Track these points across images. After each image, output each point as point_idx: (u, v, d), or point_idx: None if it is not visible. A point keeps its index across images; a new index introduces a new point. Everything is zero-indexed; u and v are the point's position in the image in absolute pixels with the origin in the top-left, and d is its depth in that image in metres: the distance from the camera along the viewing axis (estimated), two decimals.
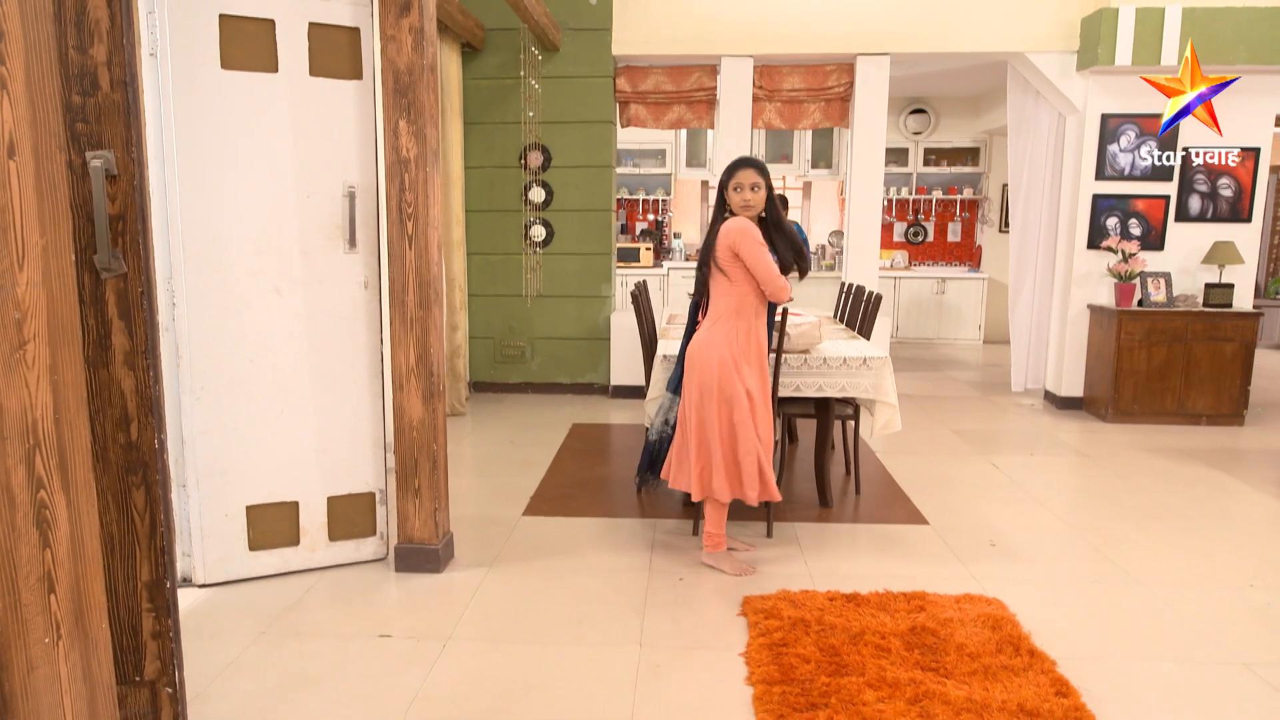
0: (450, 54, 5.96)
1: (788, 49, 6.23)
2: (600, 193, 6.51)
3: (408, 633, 2.87)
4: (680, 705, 2.46)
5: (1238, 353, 5.88)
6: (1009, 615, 2.98)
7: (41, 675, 1.28)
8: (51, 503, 1.29)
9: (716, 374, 3.20)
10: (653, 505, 4.18)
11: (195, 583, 3.22)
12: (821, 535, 3.80)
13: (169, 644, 2.01)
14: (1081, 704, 2.43)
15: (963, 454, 5.19)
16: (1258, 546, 3.73)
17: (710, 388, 3.21)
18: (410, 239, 3.19)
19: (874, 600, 3.08)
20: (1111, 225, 6.16)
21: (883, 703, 2.41)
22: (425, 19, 3.10)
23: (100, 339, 1.86)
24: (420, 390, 3.28)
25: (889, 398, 3.75)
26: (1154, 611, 3.09)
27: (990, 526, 3.93)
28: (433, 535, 3.36)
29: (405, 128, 3.14)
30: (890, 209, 10.13)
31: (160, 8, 2.91)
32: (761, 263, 3.11)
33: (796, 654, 2.68)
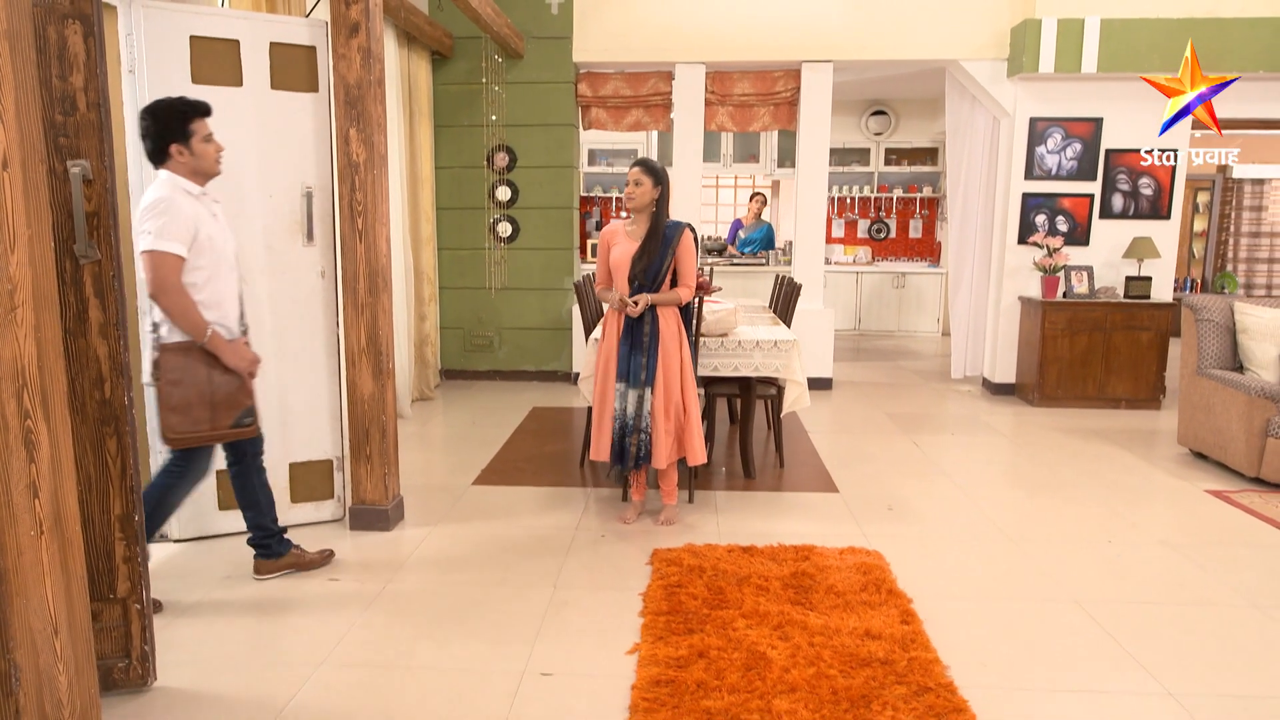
0: (420, 62, 6.38)
1: (738, 56, 6.64)
2: (563, 191, 6.93)
3: (354, 578, 3.29)
4: (579, 629, 2.88)
5: (1154, 341, 6.30)
6: (882, 564, 3.40)
7: (28, 559, 1.69)
8: (35, 429, 1.70)
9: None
10: (593, 476, 4.60)
11: (171, 538, 3.64)
12: (739, 501, 4.22)
13: (137, 568, 2.43)
14: (920, 629, 2.85)
15: (889, 434, 5.60)
16: (1130, 512, 4.15)
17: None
18: (361, 234, 3.60)
19: (766, 552, 3.50)
20: (1040, 222, 6.58)
21: (750, 628, 2.83)
22: (372, 40, 3.51)
23: (79, 313, 2.27)
24: (371, 368, 3.69)
25: (797, 376, 4.16)
26: (1012, 562, 3.51)
27: (894, 494, 4.35)
28: (383, 497, 3.78)
29: (355, 135, 3.55)
30: (853, 207, 10.55)
31: (137, 30, 3.32)
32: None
33: (688, 593, 3.10)
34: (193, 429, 2.87)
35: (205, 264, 2.88)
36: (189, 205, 2.84)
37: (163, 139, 2.85)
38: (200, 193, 2.92)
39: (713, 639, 2.76)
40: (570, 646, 2.78)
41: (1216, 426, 4.78)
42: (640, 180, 3.58)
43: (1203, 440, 4.93)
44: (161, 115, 2.85)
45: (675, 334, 3.72)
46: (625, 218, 3.75)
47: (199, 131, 2.87)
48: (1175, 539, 3.78)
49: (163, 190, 2.81)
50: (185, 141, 2.85)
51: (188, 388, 2.85)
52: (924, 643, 2.76)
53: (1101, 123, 6.42)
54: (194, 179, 2.90)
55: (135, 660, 2.46)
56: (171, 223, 2.76)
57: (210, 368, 2.89)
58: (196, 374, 2.86)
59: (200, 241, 2.85)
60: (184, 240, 2.79)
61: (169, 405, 2.84)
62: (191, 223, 2.82)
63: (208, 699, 2.46)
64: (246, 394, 2.98)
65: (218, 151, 2.95)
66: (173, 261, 2.77)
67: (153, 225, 2.75)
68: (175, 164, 2.87)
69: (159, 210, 2.76)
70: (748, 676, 2.53)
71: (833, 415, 6.16)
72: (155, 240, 2.75)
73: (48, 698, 1.74)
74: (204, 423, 2.88)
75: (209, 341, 2.87)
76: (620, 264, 3.67)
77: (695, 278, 3.75)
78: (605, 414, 3.77)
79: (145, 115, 2.86)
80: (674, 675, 2.54)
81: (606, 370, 3.76)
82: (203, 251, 2.87)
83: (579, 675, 2.60)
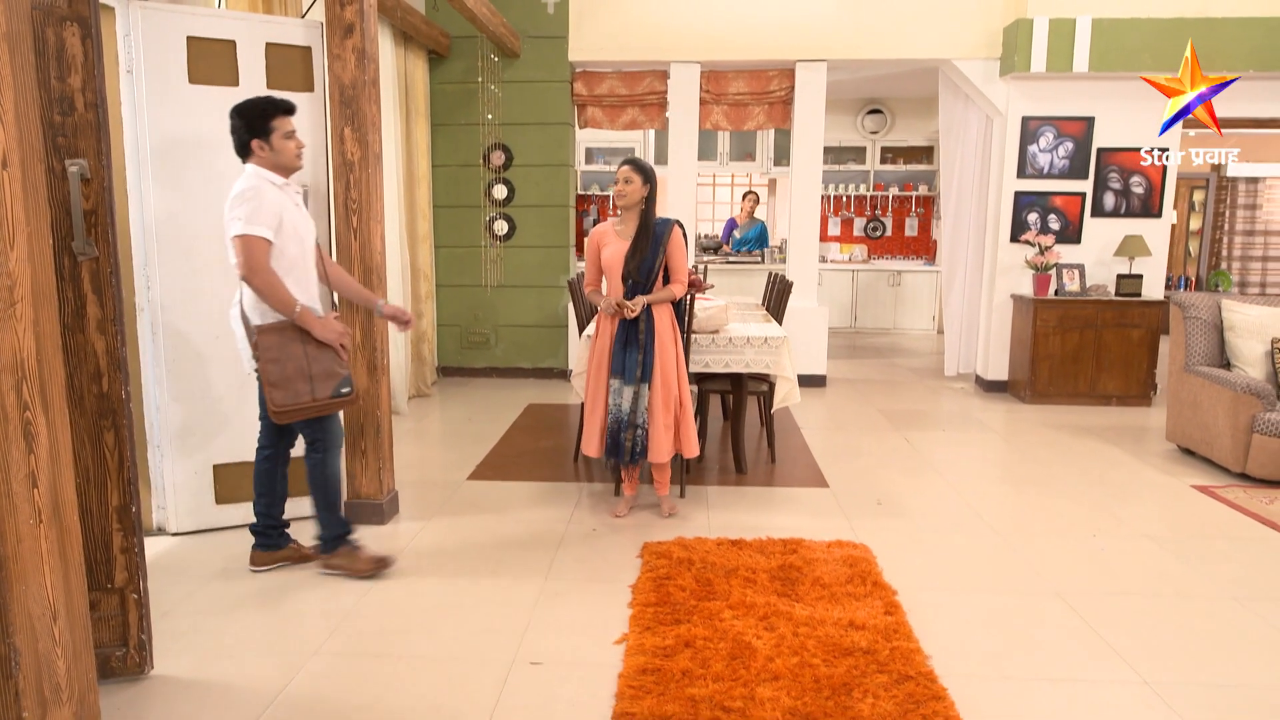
0: (417, 61, 6.43)
1: (732, 56, 6.69)
2: (559, 190, 6.98)
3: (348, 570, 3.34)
4: (568, 621, 2.93)
5: (1145, 339, 6.35)
6: (869, 557, 3.45)
7: (27, 547, 1.74)
8: (34, 421, 1.75)
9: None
10: (587, 471, 4.65)
11: (169, 531, 3.69)
12: (730, 496, 4.27)
13: (134, 558, 2.48)
14: (903, 620, 2.91)
15: (881, 430, 5.66)
16: (1116, 506, 4.20)
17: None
18: (355, 231, 3.65)
19: (755, 545, 3.55)
20: (1032, 220, 6.62)
21: (737, 619, 2.89)
22: (366, 40, 3.56)
23: (77, 309, 2.33)
24: (366, 364, 3.74)
25: (787, 373, 4.21)
26: (997, 555, 3.56)
27: (883, 490, 4.40)
28: (378, 491, 3.83)
29: (350, 134, 3.60)
30: (849, 205, 10.60)
31: (135, 31, 3.37)
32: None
33: (676, 584, 3.16)
34: (295, 401, 3.03)
35: (291, 248, 3.07)
36: (274, 194, 3.03)
37: (246, 135, 3.04)
38: (283, 184, 3.10)
39: (699, 629, 2.81)
40: (559, 636, 2.83)
41: (1204, 423, 4.83)
42: (630, 178, 3.63)
43: (1190, 436, 4.98)
44: (246, 113, 3.05)
45: (670, 330, 3.77)
46: (618, 216, 3.79)
47: (280, 128, 3.06)
48: (1159, 533, 3.83)
49: (249, 180, 3.01)
50: (266, 137, 3.04)
51: (285, 363, 3.02)
52: (906, 633, 2.82)
53: (1093, 122, 6.47)
54: (276, 172, 3.09)
55: (133, 648, 2.51)
56: (259, 209, 2.95)
57: (304, 343, 3.07)
58: (292, 350, 3.04)
59: (285, 228, 3.04)
60: (270, 225, 2.98)
61: (270, 381, 3.00)
62: (277, 210, 3.01)
63: (204, 686, 2.52)
64: (342, 365, 3.16)
65: (298, 148, 3.13)
66: (261, 244, 2.95)
67: (242, 211, 2.94)
68: (257, 158, 3.07)
69: (246, 198, 2.95)
70: (732, 665, 2.58)
71: (826, 412, 6.21)
72: (245, 225, 2.93)
73: (46, 681, 1.80)
74: (305, 395, 3.05)
75: (299, 316, 3.04)
76: (613, 263, 3.72)
77: (687, 273, 3.81)
78: (597, 410, 3.82)
79: (233, 114, 3.07)
80: (660, 664, 2.59)
81: (600, 367, 3.81)
82: (289, 237, 3.06)
83: (567, 664, 2.65)
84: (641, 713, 2.34)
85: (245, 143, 3.06)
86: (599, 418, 3.82)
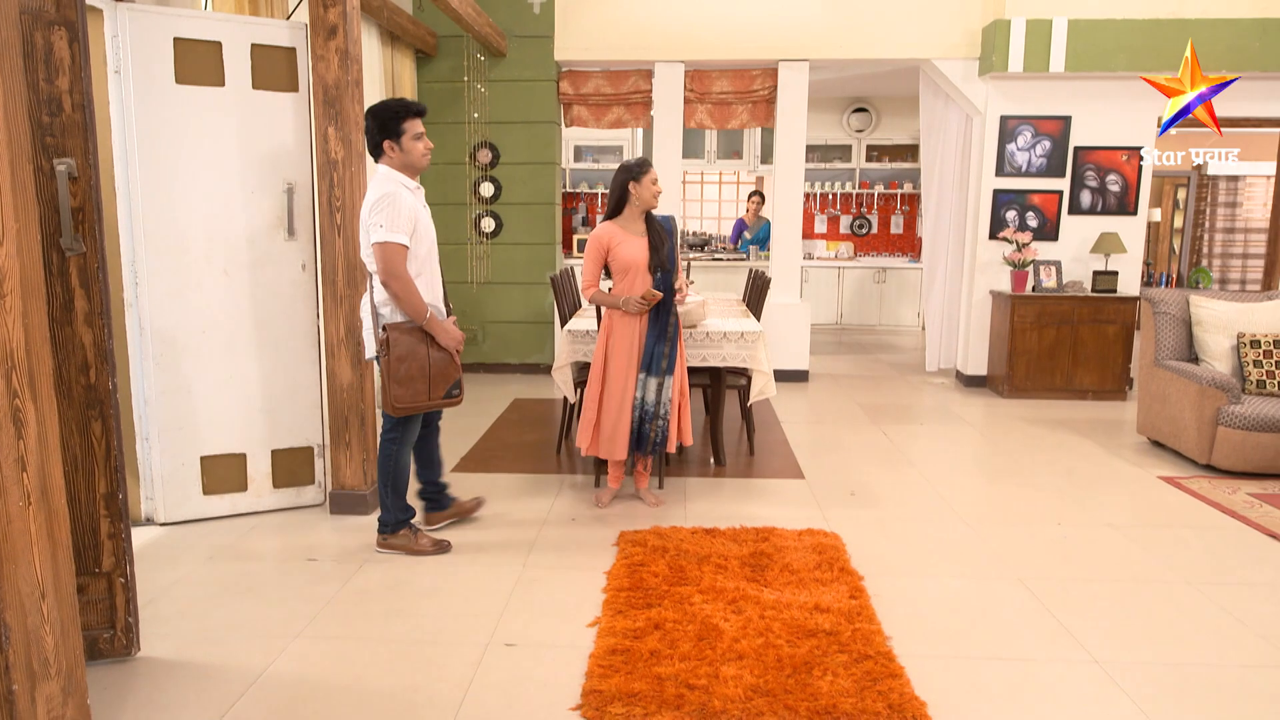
0: (404, 60, 6.51)
1: (716, 55, 6.79)
2: (545, 188, 7.07)
3: (332, 557, 3.44)
4: (543, 604, 3.04)
5: (1120, 334, 6.47)
6: (839, 544, 3.56)
7: (17, 528, 1.83)
8: (23, 408, 1.84)
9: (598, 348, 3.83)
10: (570, 464, 4.75)
11: (157, 522, 3.78)
12: (708, 487, 4.38)
13: (121, 543, 2.57)
14: (867, 604, 3.01)
15: (860, 424, 5.76)
16: (1083, 495, 4.31)
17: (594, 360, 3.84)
18: (339, 228, 3.74)
19: (729, 533, 3.65)
20: (1010, 218, 6.74)
21: (707, 603, 2.99)
22: (350, 42, 3.65)
23: (65, 303, 2.42)
24: (350, 358, 3.83)
25: (763, 366, 4.31)
26: (963, 543, 3.67)
27: (857, 481, 4.51)
28: (361, 482, 3.92)
29: (334, 134, 3.69)
30: (836, 203, 10.71)
31: (123, 32, 3.45)
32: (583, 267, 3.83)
33: (650, 571, 3.26)
34: (413, 400, 3.28)
35: (422, 251, 3.30)
36: (408, 198, 3.22)
37: (380, 135, 3.23)
38: (415, 186, 3.31)
39: (669, 612, 2.91)
40: (534, 620, 2.93)
41: (1172, 415, 4.95)
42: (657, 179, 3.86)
43: (1159, 429, 5.10)
44: (379, 115, 3.25)
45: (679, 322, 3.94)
46: (615, 218, 3.85)
47: (410, 130, 3.23)
48: (1122, 522, 3.94)
49: (386, 186, 3.19)
50: (397, 139, 3.23)
51: (411, 363, 3.25)
52: (869, 616, 2.92)
53: (1070, 121, 6.58)
54: (405, 172, 3.28)
55: (120, 631, 2.61)
56: (396, 216, 3.15)
57: (428, 346, 3.29)
58: (418, 352, 3.27)
59: (419, 231, 3.26)
60: (406, 231, 3.18)
61: (396, 379, 3.23)
62: (412, 214, 3.21)
63: (188, 667, 2.61)
64: (455, 369, 3.40)
65: (426, 149, 3.31)
66: (400, 250, 3.16)
67: (383, 219, 3.14)
68: (388, 158, 3.27)
69: (385, 205, 3.15)
70: (699, 646, 2.69)
71: (807, 406, 6.31)
72: (385, 233, 3.13)
73: (35, 655, 1.89)
74: (422, 395, 3.29)
75: (428, 323, 3.27)
76: (636, 259, 3.79)
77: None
78: (625, 407, 3.85)
79: (367, 115, 3.28)
80: (629, 645, 2.69)
81: (629, 364, 3.84)
82: (421, 240, 3.28)
83: (541, 646, 2.75)
84: (609, 690, 2.44)
85: (378, 143, 3.25)
86: (627, 415, 3.86)
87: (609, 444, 3.91)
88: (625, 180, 3.79)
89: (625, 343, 3.85)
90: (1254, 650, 2.78)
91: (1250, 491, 4.37)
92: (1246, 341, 4.83)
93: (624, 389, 3.86)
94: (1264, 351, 4.77)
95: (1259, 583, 3.31)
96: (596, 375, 3.92)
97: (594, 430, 3.92)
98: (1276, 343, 4.77)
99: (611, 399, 3.87)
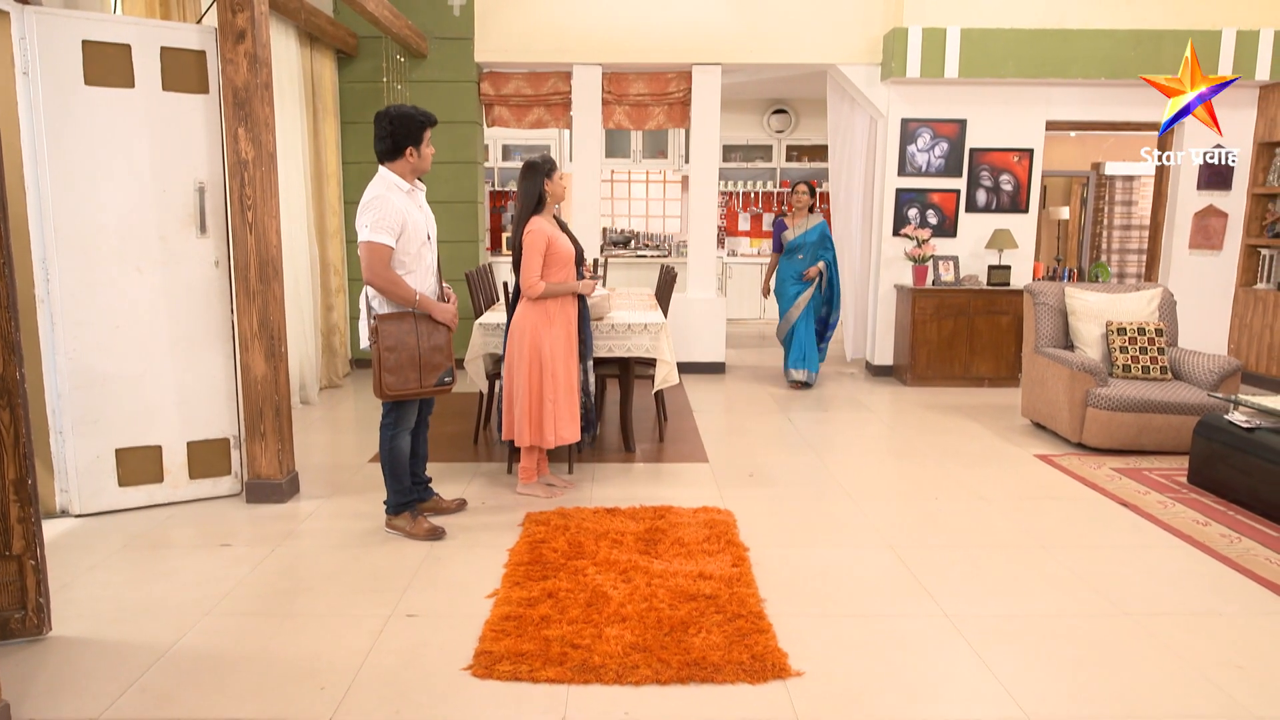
0: (324, 60, 6.60)
1: (632, 58, 7.02)
2: (467, 186, 7.22)
3: (244, 543, 3.58)
4: (447, 579, 3.23)
5: (1012, 324, 6.88)
6: (730, 520, 3.82)
7: None
8: None
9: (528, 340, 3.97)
10: (486, 452, 4.93)
11: (72, 514, 3.86)
12: (617, 472, 4.60)
13: (31, 526, 2.69)
14: (747, 571, 3.27)
15: (768, 412, 6.06)
16: (961, 472, 4.65)
17: (522, 353, 3.98)
18: (250, 226, 3.87)
19: (628, 512, 3.89)
20: (912, 215, 7.11)
21: (600, 574, 3.22)
22: (258, 46, 3.78)
23: None
24: (263, 351, 3.97)
25: (665, 356, 4.56)
26: (846, 516, 3.97)
27: (757, 463, 4.78)
28: (277, 472, 4.06)
29: (244, 134, 3.82)
30: (758, 201, 11.04)
31: (30, 34, 3.54)
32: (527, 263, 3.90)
33: (550, 547, 3.47)
34: (403, 387, 3.47)
35: (412, 248, 3.46)
36: (399, 200, 3.40)
37: (402, 141, 3.42)
38: (409, 188, 3.49)
39: (563, 583, 3.13)
40: (437, 593, 3.12)
41: (1049, 398, 5.34)
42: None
43: (1039, 411, 5.49)
44: (404, 123, 3.42)
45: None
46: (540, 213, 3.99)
47: (426, 139, 3.49)
48: (993, 495, 4.29)
49: (377, 189, 3.40)
50: (418, 146, 3.45)
51: (400, 353, 3.45)
52: (748, 581, 3.18)
53: (965, 124, 6.97)
54: (408, 177, 3.48)
55: (31, 610, 2.72)
56: (383, 218, 3.33)
57: (419, 335, 3.48)
58: (407, 342, 3.46)
59: (408, 230, 3.42)
60: (393, 232, 3.36)
61: (386, 368, 3.44)
62: (400, 215, 3.38)
63: (99, 644, 2.74)
64: (447, 358, 3.57)
65: (432, 154, 3.51)
66: (382, 250, 3.35)
67: (368, 220, 3.34)
68: (403, 163, 3.46)
69: (374, 207, 3.34)
70: (587, 611, 2.91)
71: (722, 396, 6.59)
72: (369, 233, 3.33)
73: None
74: (412, 382, 3.49)
75: (419, 304, 3.47)
76: (569, 253, 4.01)
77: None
78: (574, 394, 4.08)
79: (385, 120, 3.43)
80: (523, 612, 2.90)
81: (568, 350, 4.03)
82: (410, 238, 3.44)
83: (440, 616, 2.95)
84: (498, 650, 2.65)
85: (400, 147, 3.42)
86: (576, 400, 4.09)
87: (566, 429, 4.07)
88: (541, 179, 3.94)
89: (565, 332, 4.05)
90: (1085, 602, 3.11)
91: (1113, 466, 4.77)
92: (1114, 329, 5.24)
93: (570, 376, 4.06)
94: (1129, 338, 5.19)
95: (1104, 545, 3.66)
96: (535, 367, 3.99)
97: (537, 420, 4.04)
98: (1140, 330, 5.20)
99: (559, 387, 4.03)
